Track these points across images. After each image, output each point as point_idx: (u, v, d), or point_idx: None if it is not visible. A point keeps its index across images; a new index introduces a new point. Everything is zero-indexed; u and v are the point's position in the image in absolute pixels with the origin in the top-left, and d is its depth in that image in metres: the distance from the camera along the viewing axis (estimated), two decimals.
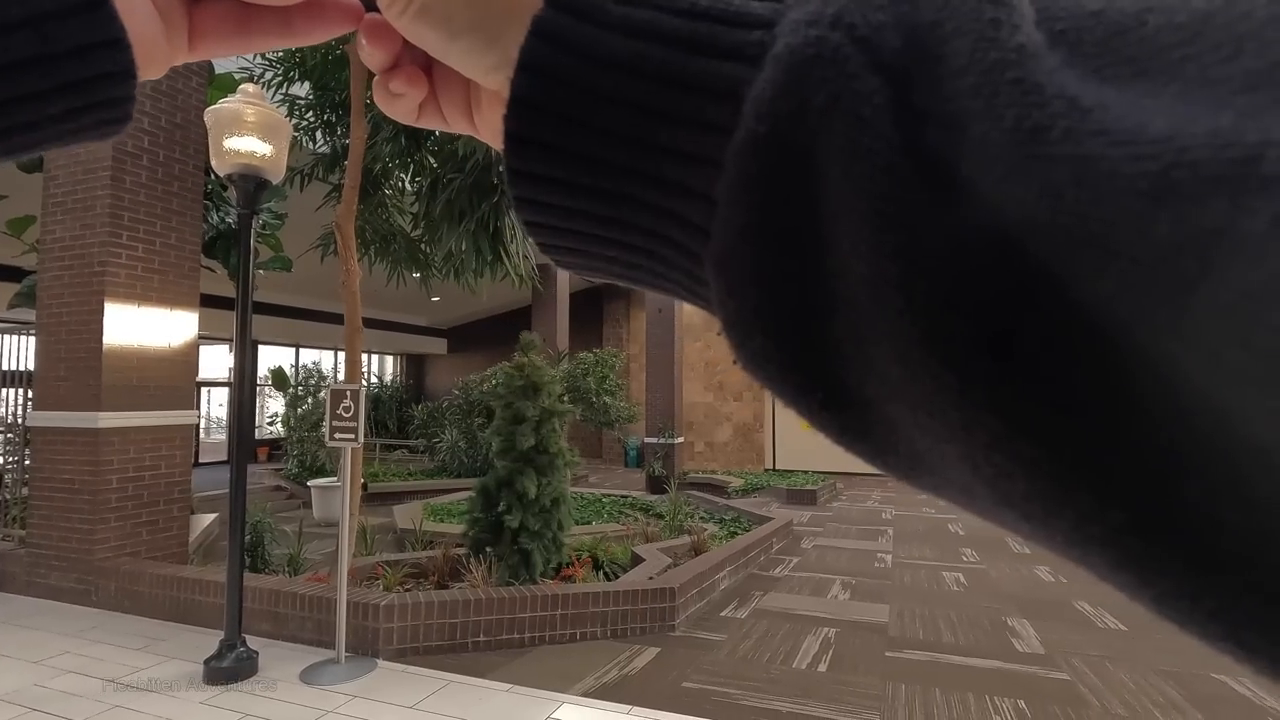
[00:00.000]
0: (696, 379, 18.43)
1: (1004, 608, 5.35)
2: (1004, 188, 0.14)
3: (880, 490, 14.07)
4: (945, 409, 0.15)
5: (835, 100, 0.16)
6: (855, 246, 0.16)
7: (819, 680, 3.79)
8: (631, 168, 0.20)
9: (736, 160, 0.18)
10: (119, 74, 0.22)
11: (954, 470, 0.16)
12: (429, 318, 20.24)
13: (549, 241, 0.24)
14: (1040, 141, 0.13)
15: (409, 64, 0.27)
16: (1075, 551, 0.15)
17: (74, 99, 0.21)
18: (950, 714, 3.40)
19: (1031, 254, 0.13)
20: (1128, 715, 3.41)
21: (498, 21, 0.22)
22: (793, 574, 6.34)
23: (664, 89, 0.19)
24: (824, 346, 0.18)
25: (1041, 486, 0.14)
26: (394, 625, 3.91)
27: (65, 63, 0.20)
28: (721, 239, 0.19)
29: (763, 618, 4.92)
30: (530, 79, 0.21)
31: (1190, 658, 4.25)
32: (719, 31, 0.19)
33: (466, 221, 4.58)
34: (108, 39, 0.21)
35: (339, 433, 3.89)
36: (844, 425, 0.19)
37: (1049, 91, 0.13)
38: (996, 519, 0.17)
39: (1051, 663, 4.13)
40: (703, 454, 18.41)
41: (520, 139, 0.21)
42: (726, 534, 7.30)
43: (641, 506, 9.03)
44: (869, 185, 0.15)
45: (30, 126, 0.21)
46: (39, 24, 0.19)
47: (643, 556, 5.58)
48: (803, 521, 9.50)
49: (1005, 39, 0.14)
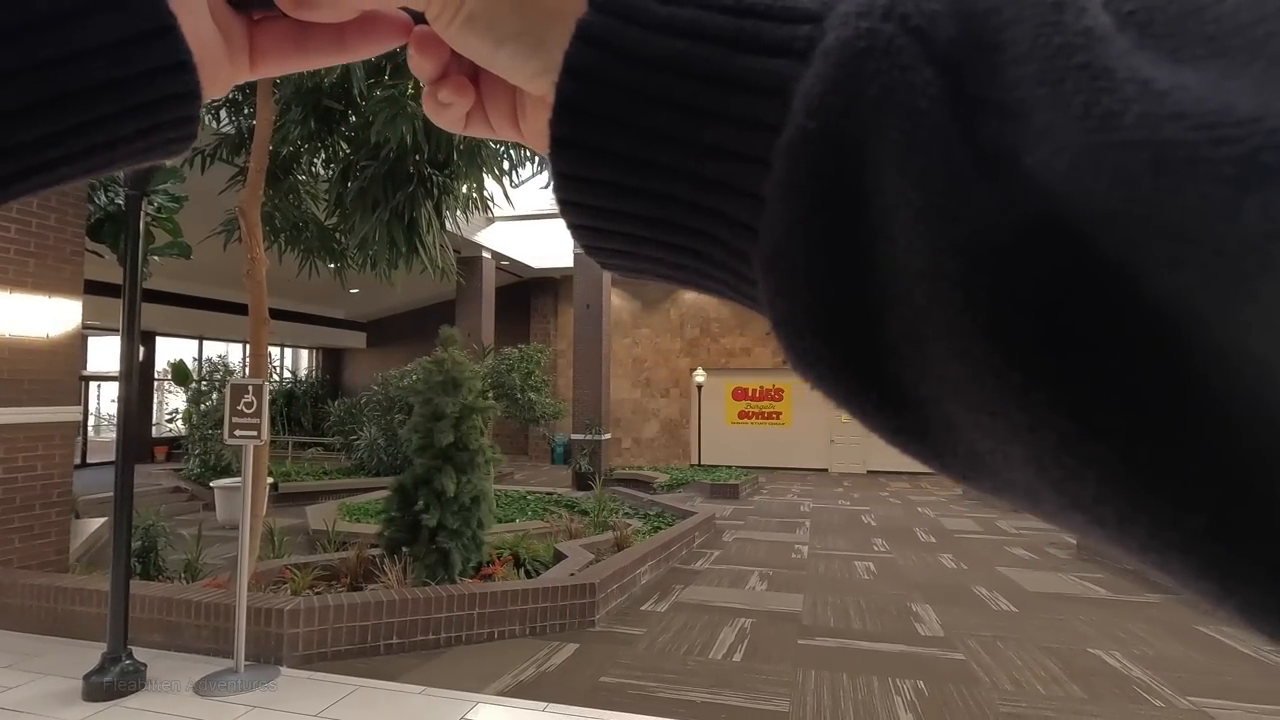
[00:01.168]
0: (624, 375, 18.50)
1: (909, 594, 5.63)
2: (1072, 178, 0.13)
3: (800, 484, 14.53)
4: (1009, 409, 0.14)
5: (889, 93, 0.16)
6: (912, 242, 0.15)
7: (734, 670, 3.88)
8: (678, 168, 0.20)
9: (785, 157, 0.18)
10: (186, 95, 0.22)
11: (1018, 473, 0.16)
12: (347, 310, 19.45)
13: (594, 244, 0.24)
14: (1112, 128, 0.13)
15: (456, 73, 0.27)
16: (1152, 558, 0.14)
17: (143, 120, 0.22)
18: (856, 697, 3.55)
19: (1103, 246, 0.13)
20: (1014, 690, 3.66)
21: (542, 27, 0.22)
22: (713, 567, 6.46)
23: (710, 88, 0.19)
24: (878, 345, 0.17)
25: (1115, 490, 0.13)
26: (300, 630, 3.74)
27: (136, 85, 0.21)
28: (770, 238, 0.19)
29: (682, 610, 4.99)
30: (575, 82, 0.21)
31: (1069, 635, 4.60)
32: (765, 27, 0.19)
33: (380, 211, 4.41)
34: (175, 62, 0.21)
35: (240, 430, 3.69)
36: (899, 426, 0.18)
37: (1120, 75, 0.13)
38: (1064, 524, 0.16)
39: (949, 644, 4.38)
40: (630, 450, 18.50)
41: (566, 142, 0.21)
42: (650, 529, 7.37)
43: (567, 503, 8.99)
44: (926, 179, 0.15)
45: (107, 146, 0.22)
46: (115, 50, 0.20)
47: (565, 553, 5.56)
48: (725, 515, 9.69)
49: (1070, 23, 0.14)
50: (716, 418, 18.14)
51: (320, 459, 13.73)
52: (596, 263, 0.25)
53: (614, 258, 0.25)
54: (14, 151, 0.20)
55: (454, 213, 5.01)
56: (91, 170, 0.23)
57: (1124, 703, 3.51)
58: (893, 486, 14.45)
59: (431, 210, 4.55)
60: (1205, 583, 0.13)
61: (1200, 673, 3.94)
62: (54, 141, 0.21)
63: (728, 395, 18.26)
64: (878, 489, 13.96)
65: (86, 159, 0.22)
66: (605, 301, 14.05)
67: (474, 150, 4.48)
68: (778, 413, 18.03)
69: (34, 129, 0.20)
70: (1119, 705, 3.48)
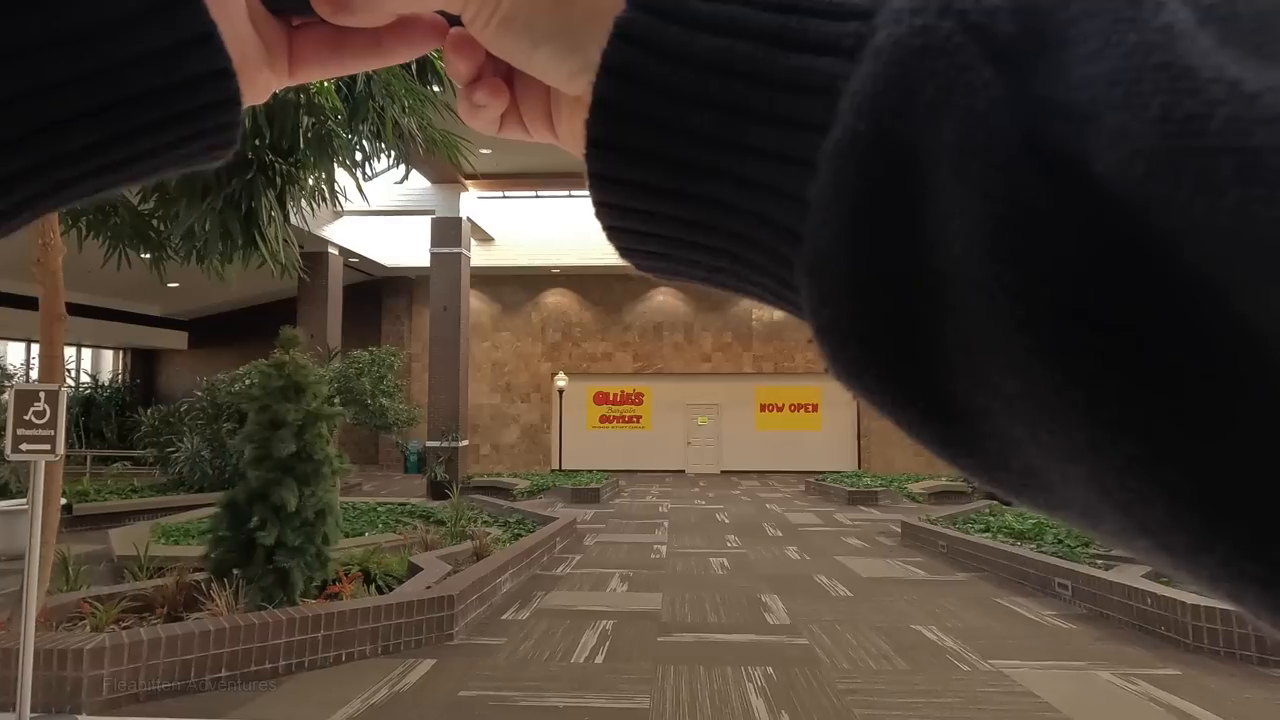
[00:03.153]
0: (483, 380, 18.02)
1: (759, 586, 5.98)
2: (1149, 186, 0.12)
3: (659, 485, 14.95)
4: (1071, 427, 0.14)
5: (946, 94, 0.15)
6: (968, 251, 0.15)
7: (595, 671, 3.92)
8: (718, 169, 0.20)
9: (833, 160, 0.17)
10: (226, 102, 0.22)
11: (1076, 491, 0.15)
12: (165, 306, 17.30)
13: (630, 246, 0.24)
14: (1196, 132, 0.12)
15: (491, 75, 0.27)
16: (1226, 588, 0.13)
17: (186, 127, 0.22)
18: (712, 688, 3.71)
19: (1184, 260, 0.12)
20: (850, 668, 4.01)
21: (579, 26, 0.22)
22: (575, 571, 6.47)
23: (753, 87, 0.19)
24: (928, 356, 0.16)
25: (1187, 517, 0.13)
26: (104, 671, 3.27)
27: (179, 94, 0.21)
28: (815, 243, 0.18)
29: (544, 617, 4.96)
30: (613, 81, 0.20)
31: (895, 615, 5.12)
32: (811, 25, 0.18)
33: (211, 199, 3.97)
34: (216, 69, 0.21)
35: (28, 443, 3.16)
36: (947, 438, 0.17)
37: (1205, 76, 0.12)
38: (1125, 545, 0.15)
39: (795, 631, 4.71)
40: (489, 457, 18.04)
41: (602, 143, 0.21)
42: (510, 537, 7.24)
43: (422, 514, 8.61)
44: (985, 184, 0.14)
45: (150, 154, 0.22)
46: (158, 59, 0.20)
47: (420, 566, 5.32)
48: (586, 519, 9.73)
49: (1147, 19, 0.13)
50: (578, 422, 18.19)
51: (127, 475, 12.08)
52: (631, 264, 0.25)
53: (649, 259, 0.24)
54: (62, 160, 0.20)
55: (299, 204, 4.63)
56: (136, 177, 0.23)
57: (939, 671, 3.97)
58: (744, 485, 15.28)
59: (274, 200, 4.17)
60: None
61: (996, 639, 4.54)
62: (99, 150, 0.21)
63: (589, 399, 18.39)
64: (730, 487, 14.69)
65: (130, 166, 0.22)
66: (464, 303, 13.62)
67: (324, 139, 4.17)
68: (638, 416, 18.44)
69: (81, 138, 0.20)
70: (935, 673, 3.93)
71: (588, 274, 17.47)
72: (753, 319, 17.92)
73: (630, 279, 17.80)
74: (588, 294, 18.13)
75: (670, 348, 18.07)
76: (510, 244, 16.43)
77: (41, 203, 0.21)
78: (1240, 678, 3.79)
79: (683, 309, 18.04)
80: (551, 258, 16.57)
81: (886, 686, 3.74)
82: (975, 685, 3.74)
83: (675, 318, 18.10)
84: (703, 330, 18.03)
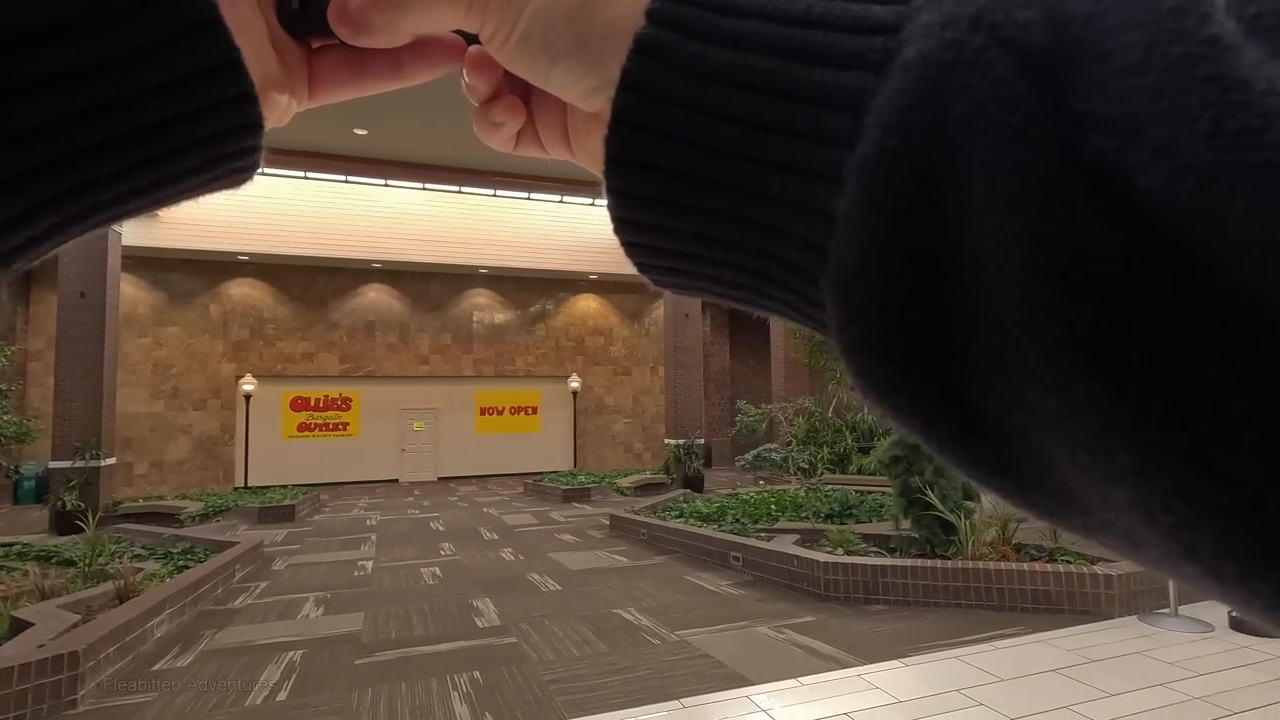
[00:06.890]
0: (141, 384, 14.87)
1: (472, 591, 5.90)
2: (1197, 202, 0.12)
3: (368, 497, 13.87)
4: (1114, 450, 0.13)
5: (980, 109, 0.15)
6: (1004, 269, 0.14)
7: (277, 711, 3.47)
8: (741, 185, 0.19)
9: (861, 176, 0.17)
10: (249, 125, 0.22)
11: (1117, 515, 0.14)
12: None
13: (650, 262, 0.23)
14: (1249, 147, 0.11)
15: (508, 93, 0.27)
16: (1279, 617, 0.13)
17: (209, 152, 0.22)
18: (414, 703, 3.54)
19: (1235, 279, 0.12)
20: (555, 659, 4.16)
21: (598, 43, 0.22)
22: (258, 601, 5.67)
23: (776, 102, 0.18)
24: (961, 375, 0.16)
25: (1239, 544, 0.12)
26: None
27: (202, 119, 0.21)
28: (843, 260, 0.17)
29: (213, 658, 4.25)
30: (633, 97, 0.20)
31: (599, 601, 5.45)
32: (836, 39, 0.18)
33: None
34: (239, 94, 0.21)
35: None
36: (978, 458, 0.17)
37: (1256, 88, 0.12)
38: (1169, 571, 0.15)
39: (505, 631, 4.73)
40: (146, 477, 14.92)
41: (622, 160, 0.21)
42: (172, 570, 6.07)
43: (39, 554, 6.79)
44: (1021, 201, 0.14)
45: (176, 179, 0.22)
46: (182, 85, 0.20)
47: (30, 621, 4.18)
48: (277, 540, 8.62)
49: (1192, 29, 0.13)
50: (270, 432, 15.99)
51: None
52: (649, 280, 0.24)
53: (669, 275, 0.24)
54: (90, 186, 0.20)
55: None
56: (161, 202, 0.23)
57: (634, 647, 4.32)
58: (462, 490, 14.94)
59: None
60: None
61: (683, 611, 5.10)
62: (124, 177, 0.21)
63: (285, 406, 16.28)
64: (448, 494, 14.25)
65: (156, 191, 0.22)
66: (111, 290, 11.09)
67: None
68: (345, 423, 16.85)
69: (108, 164, 0.20)
70: (631, 650, 4.27)
71: (286, 264, 15.47)
72: (474, 321, 17.57)
73: (338, 272, 16.22)
74: (286, 286, 16.02)
75: (384, 349, 16.82)
76: (181, 222, 13.76)
77: (70, 229, 0.21)
78: (851, 616, 4.81)
79: (398, 307, 16.94)
80: (238, 243, 14.30)
81: (587, 670, 3.95)
82: (663, 656, 4.15)
83: (389, 317, 16.91)
84: (419, 331, 17.13)
